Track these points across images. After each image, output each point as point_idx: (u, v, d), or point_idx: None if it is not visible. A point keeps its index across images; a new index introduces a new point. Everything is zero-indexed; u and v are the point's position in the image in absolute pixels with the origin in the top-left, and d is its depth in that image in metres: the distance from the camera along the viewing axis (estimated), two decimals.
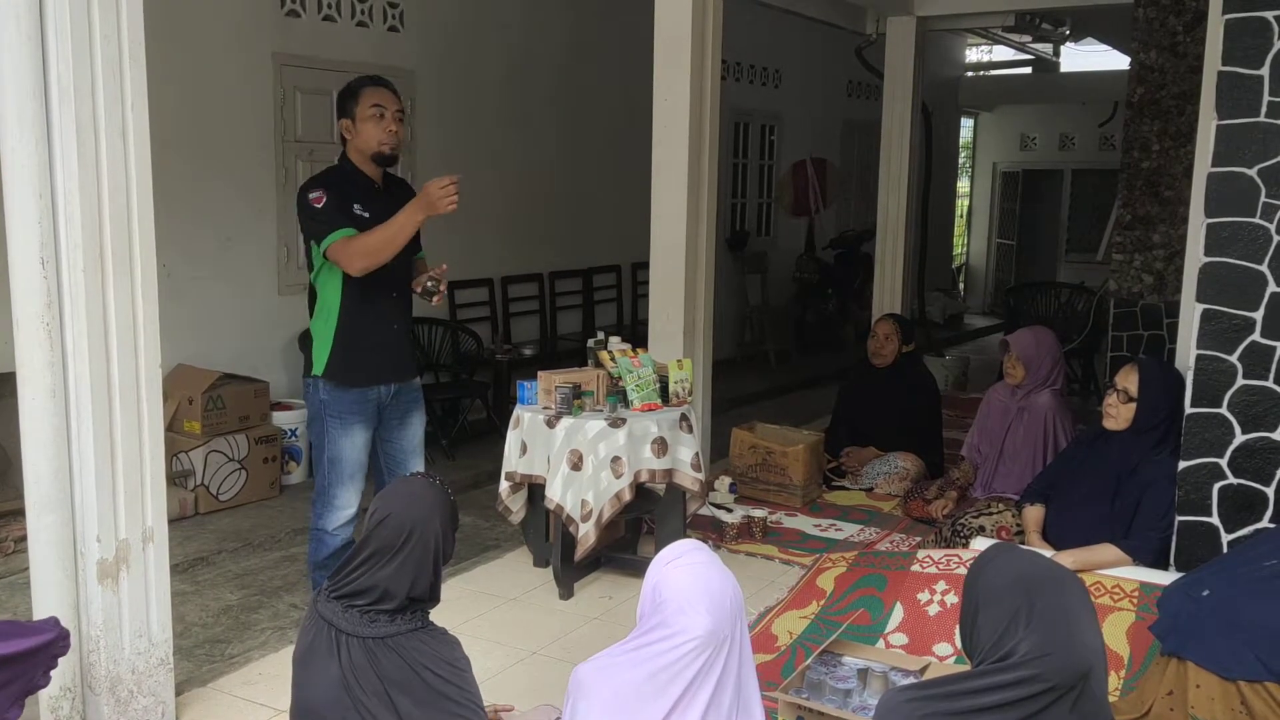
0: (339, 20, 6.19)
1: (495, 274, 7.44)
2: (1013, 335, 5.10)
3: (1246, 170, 3.31)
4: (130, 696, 3.03)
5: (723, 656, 2.05)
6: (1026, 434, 4.84)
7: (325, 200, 3.51)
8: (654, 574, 2.14)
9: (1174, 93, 5.98)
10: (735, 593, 2.11)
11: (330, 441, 3.67)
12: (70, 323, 2.82)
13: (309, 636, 2.30)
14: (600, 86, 7.98)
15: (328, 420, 3.66)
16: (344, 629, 2.24)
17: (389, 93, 3.63)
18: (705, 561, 2.13)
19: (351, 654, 2.22)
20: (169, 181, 4.15)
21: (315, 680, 2.25)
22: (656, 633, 2.06)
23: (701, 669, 2.03)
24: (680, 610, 2.04)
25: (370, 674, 2.21)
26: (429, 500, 2.32)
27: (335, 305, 3.62)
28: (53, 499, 2.87)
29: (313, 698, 2.25)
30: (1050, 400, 4.84)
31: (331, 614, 2.27)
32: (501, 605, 4.09)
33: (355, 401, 3.65)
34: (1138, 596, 3.42)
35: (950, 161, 13.50)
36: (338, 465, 3.68)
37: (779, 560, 4.57)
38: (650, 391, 4.23)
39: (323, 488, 3.72)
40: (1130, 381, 3.72)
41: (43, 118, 2.73)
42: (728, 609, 2.07)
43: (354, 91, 3.62)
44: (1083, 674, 1.81)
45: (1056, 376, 4.94)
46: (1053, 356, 4.92)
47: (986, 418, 5.10)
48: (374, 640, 2.23)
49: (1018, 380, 4.90)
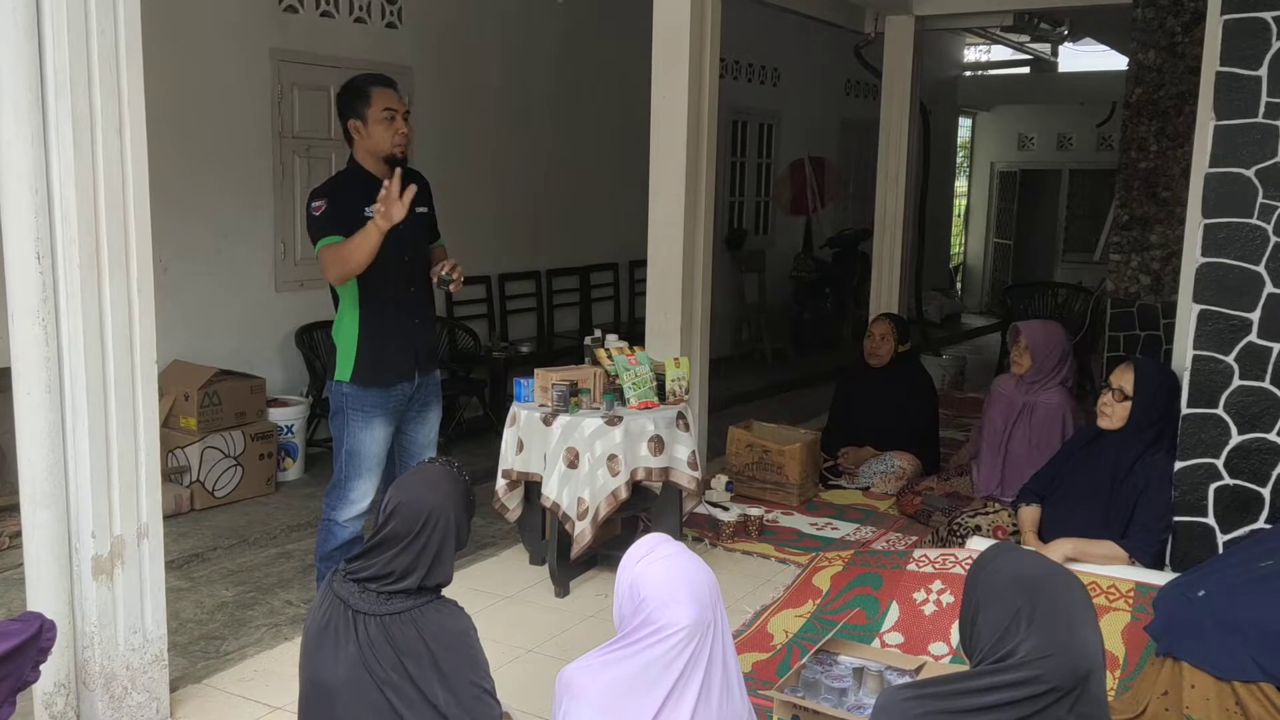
0: (337, 16, 6.17)
1: (492, 271, 7.44)
2: (1024, 323, 5.10)
3: (1244, 171, 3.32)
4: (125, 693, 3.02)
5: (709, 642, 2.08)
6: (1036, 435, 4.79)
7: (324, 209, 3.55)
8: (627, 574, 2.15)
9: (1172, 93, 5.98)
10: (710, 578, 2.14)
11: (350, 434, 3.69)
12: (66, 318, 2.82)
13: (324, 616, 2.31)
14: (599, 84, 7.97)
15: (350, 413, 3.68)
16: (360, 609, 2.27)
17: (395, 94, 3.66)
18: (675, 552, 2.15)
19: (369, 632, 2.25)
20: (165, 177, 4.14)
21: (330, 660, 2.27)
22: (642, 630, 2.07)
23: (690, 659, 2.05)
24: (664, 604, 2.06)
25: (387, 648, 2.23)
26: (446, 487, 2.34)
27: (355, 309, 3.65)
28: (48, 494, 2.86)
29: (328, 678, 2.27)
30: (1062, 399, 4.80)
31: (348, 594, 2.30)
32: (497, 603, 4.09)
33: (379, 397, 3.68)
34: (1133, 597, 3.43)
35: (948, 161, 13.50)
36: (355, 458, 3.70)
37: (775, 559, 4.57)
38: (647, 389, 4.22)
39: (339, 479, 3.74)
40: (1126, 380, 3.72)
41: (39, 112, 2.72)
42: (707, 595, 2.10)
43: (363, 92, 3.62)
44: (1083, 675, 1.81)
45: (1066, 373, 4.90)
46: (1061, 350, 4.89)
47: (989, 409, 5.07)
48: (390, 616, 2.25)
49: (1024, 369, 4.87)
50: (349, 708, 2.24)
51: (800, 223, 10.60)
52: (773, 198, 10.45)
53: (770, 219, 10.50)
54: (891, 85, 7.70)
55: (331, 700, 2.26)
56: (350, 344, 3.67)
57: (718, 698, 2.09)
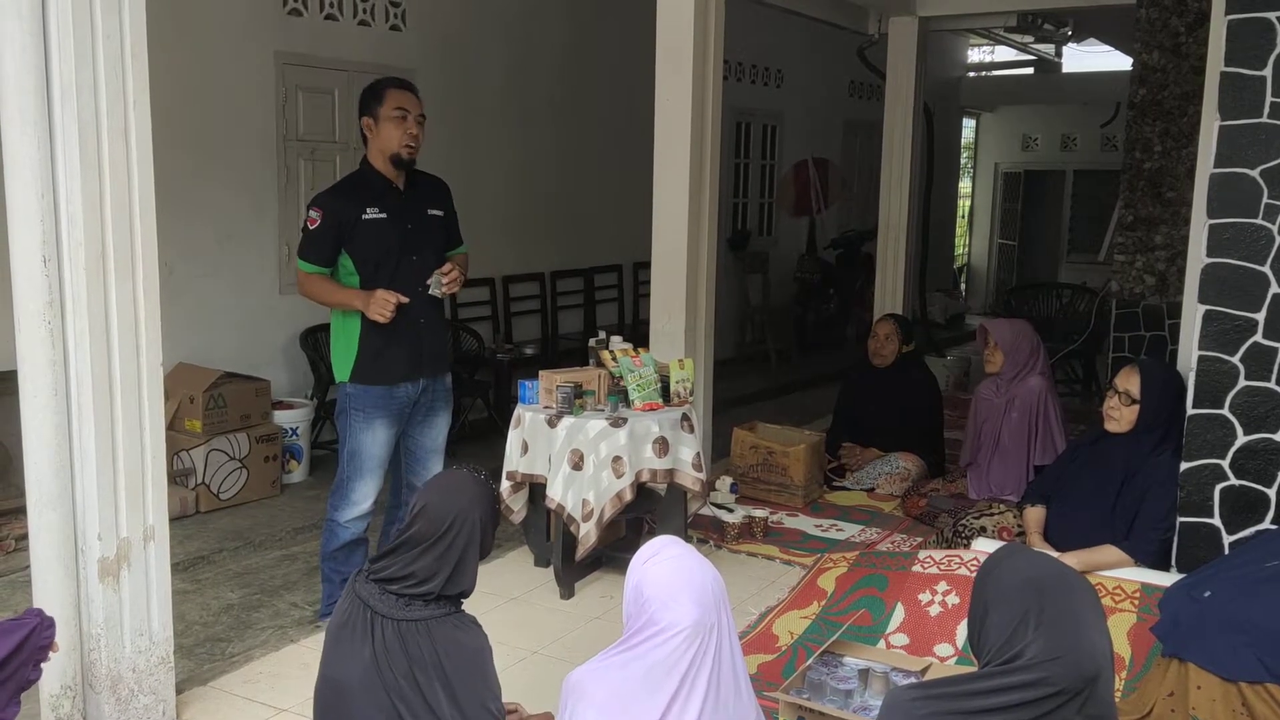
0: (341, 19, 6.18)
1: (496, 273, 7.44)
2: (989, 322, 5.28)
3: (1249, 171, 3.31)
4: (131, 695, 3.03)
5: (713, 643, 2.07)
6: (1022, 420, 4.93)
7: (318, 224, 3.61)
8: (634, 575, 2.16)
9: (1176, 93, 5.97)
10: (715, 579, 2.13)
11: (351, 435, 3.71)
12: (72, 321, 2.83)
13: (344, 614, 2.33)
14: (602, 86, 7.97)
15: (351, 413, 3.70)
16: (379, 611, 2.28)
17: (413, 96, 3.69)
18: (681, 554, 2.15)
19: (385, 636, 2.26)
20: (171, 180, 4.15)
21: (347, 660, 2.28)
22: (645, 631, 2.07)
23: (694, 659, 2.05)
24: (665, 605, 2.06)
25: (400, 656, 2.24)
26: (471, 493, 2.35)
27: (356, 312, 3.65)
28: (54, 497, 2.87)
29: (343, 676, 2.28)
30: (1040, 383, 4.95)
31: (369, 595, 2.31)
32: (502, 604, 4.09)
33: (381, 397, 3.69)
34: (1139, 597, 3.42)
35: (952, 162, 13.49)
36: (356, 459, 3.72)
37: (780, 560, 4.57)
38: (651, 391, 4.22)
39: (341, 480, 3.77)
40: (1132, 384, 3.71)
41: (45, 116, 2.73)
42: (710, 596, 2.09)
43: (379, 91, 3.66)
44: (1091, 677, 1.81)
45: (1042, 364, 5.03)
46: (1030, 342, 5.04)
47: (976, 414, 5.19)
48: (406, 623, 2.26)
49: (997, 367, 5.00)
50: (360, 708, 2.24)
51: (804, 224, 10.60)
52: (776, 199, 10.45)
53: (774, 220, 10.50)
54: (895, 86, 7.69)
55: (344, 698, 2.27)
56: (352, 342, 3.68)
57: (725, 699, 2.09)
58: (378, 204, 3.63)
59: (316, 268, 3.63)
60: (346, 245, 3.62)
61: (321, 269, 3.64)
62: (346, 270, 3.67)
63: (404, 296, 3.58)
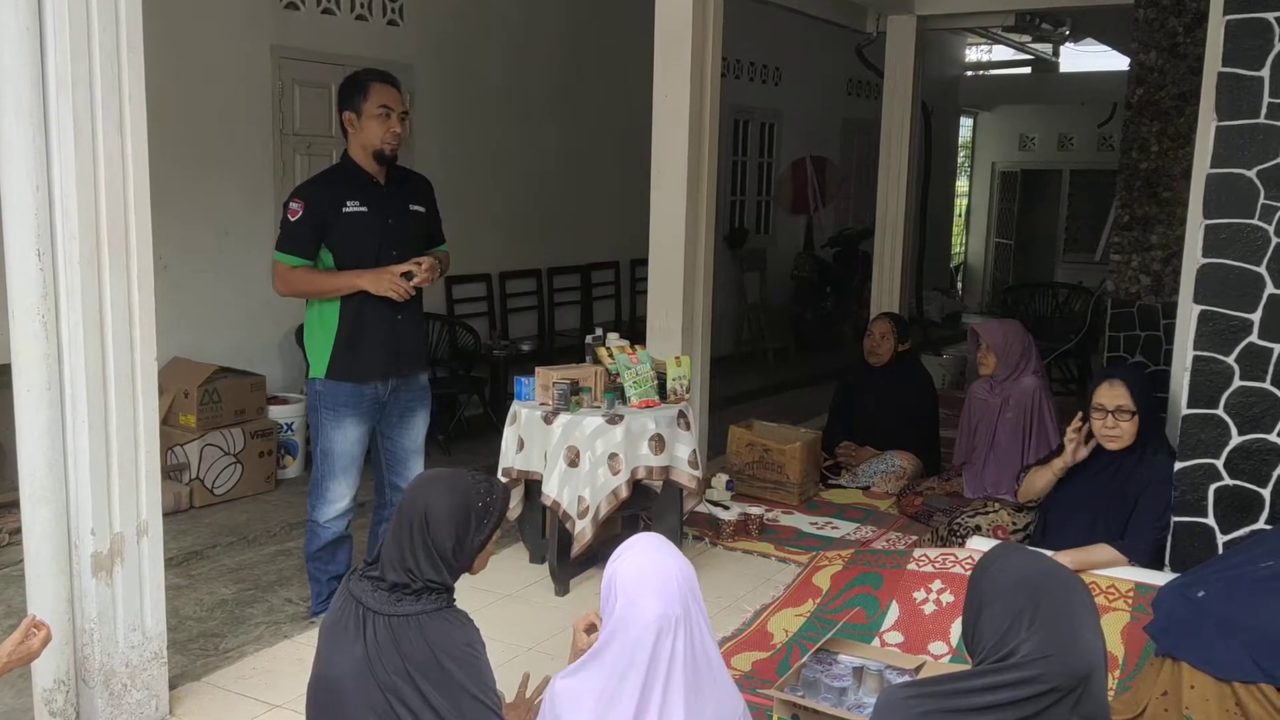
0: (338, 14, 6.17)
1: (493, 269, 7.43)
2: (980, 324, 5.30)
3: (1245, 172, 3.31)
4: (124, 690, 3.02)
5: (679, 635, 2.07)
6: (1017, 419, 4.94)
7: (300, 215, 3.58)
8: (608, 571, 2.18)
9: (1173, 94, 5.97)
10: (682, 572, 2.13)
11: (322, 433, 3.69)
12: (66, 315, 2.82)
13: (338, 612, 2.33)
14: (600, 82, 7.96)
15: (321, 411, 3.68)
16: (371, 607, 2.27)
17: (396, 92, 3.65)
18: (649, 548, 2.17)
19: (377, 632, 2.25)
20: (166, 174, 4.14)
21: (340, 657, 2.28)
22: (612, 625, 2.10)
23: (660, 653, 2.05)
24: (630, 602, 2.08)
25: (393, 652, 2.23)
26: (440, 486, 2.33)
27: (335, 302, 3.63)
28: (47, 491, 2.86)
29: (336, 674, 2.28)
30: (1034, 382, 4.97)
31: (361, 591, 2.31)
32: (497, 601, 4.08)
33: (350, 395, 3.66)
34: (1133, 597, 3.43)
35: (949, 161, 13.49)
36: (329, 457, 3.70)
37: (775, 558, 4.57)
38: (648, 388, 4.22)
39: (316, 479, 3.75)
40: (1121, 398, 3.65)
41: (40, 109, 2.72)
42: (675, 589, 2.09)
43: (362, 86, 3.62)
44: (1084, 676, 1.81)
45: (1035, 363, 5.05)
46: (1022, 343, 5.06)
47: (969, 414, 5.19)
48: (397, 618, 2.25)
49: (990, 369, 5.02)
50: (353, 706, 2.24)
51: (801, 222, 10.60)
52: (774, 197, 10.45)
53: (771, 218, 10.50)
54: (893, 85, 7.70)
55: (337, 696, 2.27)
56: (328, 338, 3.65)
57: (702, 689, 2.09)
58: (358, 197, 3.60)
59: (298, 260, 3.60)
60: (326, 238, 3.60)
61: (303, 261, 3.60)
62: (325, 265, 3.63)
63: (410, 267, 3.56)
